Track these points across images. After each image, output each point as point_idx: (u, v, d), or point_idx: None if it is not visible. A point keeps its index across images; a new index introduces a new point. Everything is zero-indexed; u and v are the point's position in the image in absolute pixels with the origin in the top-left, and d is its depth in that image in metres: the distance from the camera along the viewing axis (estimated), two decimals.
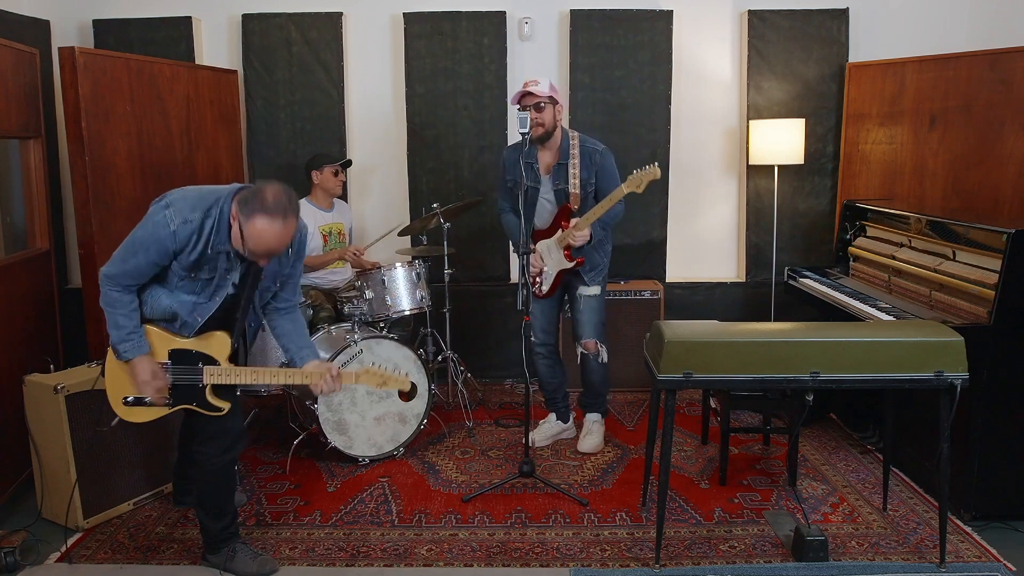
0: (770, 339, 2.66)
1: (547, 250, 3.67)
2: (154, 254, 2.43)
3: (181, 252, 2.43)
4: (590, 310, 3.69)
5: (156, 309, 2.56)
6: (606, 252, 3.73)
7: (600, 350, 3.73)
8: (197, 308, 2.56)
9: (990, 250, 3.07)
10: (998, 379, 2.97)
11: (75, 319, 3.95)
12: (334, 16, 4.65)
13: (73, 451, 3.02)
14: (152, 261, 2.45)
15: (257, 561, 2.79)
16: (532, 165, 3.60)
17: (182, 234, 2.41)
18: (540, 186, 3.62)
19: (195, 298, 2.55)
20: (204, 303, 2.56)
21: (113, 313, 2.50)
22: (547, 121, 3.48)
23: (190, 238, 2.42)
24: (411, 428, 3.75)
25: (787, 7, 4.63)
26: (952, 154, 4.19)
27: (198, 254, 2.44)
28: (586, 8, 4.64)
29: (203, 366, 2.60)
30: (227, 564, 2.77)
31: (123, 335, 2.50)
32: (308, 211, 4.21)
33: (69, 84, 3.51)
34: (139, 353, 2.52)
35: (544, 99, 3.45)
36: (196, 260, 2.45)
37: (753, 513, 3.18)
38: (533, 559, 2.85)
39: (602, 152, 3.57)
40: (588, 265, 3.65)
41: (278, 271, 2.67)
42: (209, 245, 2.45)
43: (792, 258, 4.76)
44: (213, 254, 2.47)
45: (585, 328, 3.69)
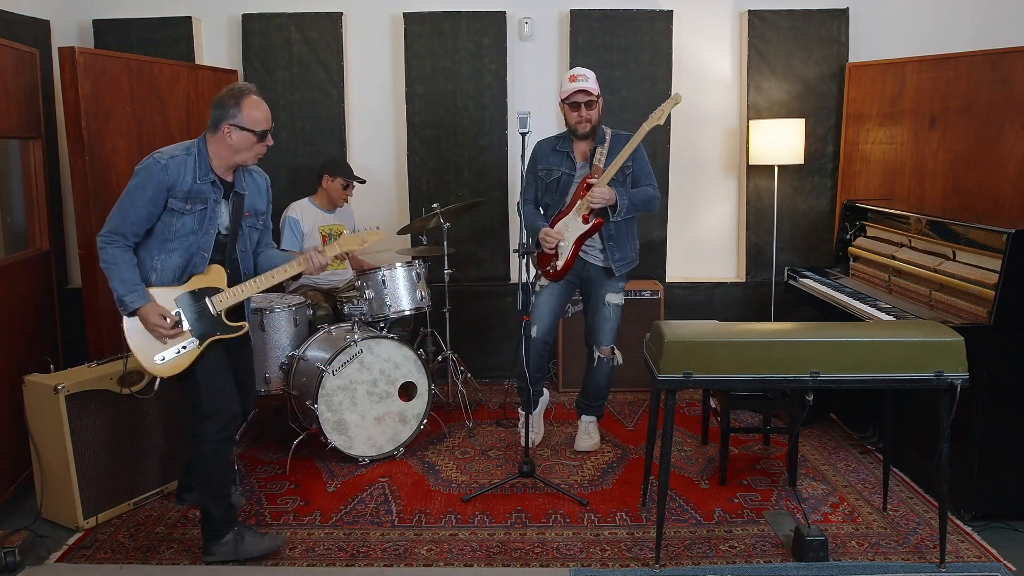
0: (770, 339, 2.66)
1: (565, 226, 3.59)
2: (151, 192, 2.63)
3: (175, 185, 2.65)
4: (616, 318, 3.67)
5: (168, 269, 2.72)
6: (634, 247, 3.68)
7: (616, 354, 3.73)
8: (201, 243, 2.74)
9: (990, 250, 3.07)
10: (998, 379, 2.97)
11: (75, 319, 3.95)
12: (334, 16, 4.65)
13: (73, 451, 3.02)
14: (149, 201, 2.64)
15: (266, 538, 2.89)
16: (568, 153, 3.64)
17: (172, 167, 2.66)
18: (575, 173, 3.62)
19: (196, 236, 2.72)
20: (204, 236, 2.74)
21: (116, 268, 2.64)
22: (595, 118, 3.56)
23: (179, 170, 2.67)
24: (411, 428, 3.75)
25: (787, 7, 4.63)
26: (952, 154, 4.19)
27: (188, 184, 2.68)
28: (586, 8, 4.64)
29: (208, 298, 2.77)
30: (238, 548, 2.80)
31: (129, 287, 2.65)
32: (309, 211, 4.22)
33: (69, 84, 3.51)
34: (144, 301, 2.67)
35: (595, 96, 3.53)
36: (188, 189, 2.67)
37: (753, 513, 3.18)
38: (533, 559, 2.85)
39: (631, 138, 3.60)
40: (618, 252, 3.59)
41: (255, 206, 2.90)
42: (196, 177, 2.69)
43: (792, 258, 4.76)
44: (201, 184, 2.71)
45: (606, 335, 3.68)
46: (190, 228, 2.71)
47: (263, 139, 2.76)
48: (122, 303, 2.65)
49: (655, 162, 4.50)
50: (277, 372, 3.74)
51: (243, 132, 2.71)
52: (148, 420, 3.29)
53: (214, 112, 2.72)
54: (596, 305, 3.69)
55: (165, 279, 2.72)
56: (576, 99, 3.50)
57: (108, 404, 3.14)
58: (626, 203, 3.48)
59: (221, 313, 2.80)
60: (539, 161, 3.71)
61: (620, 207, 3.47)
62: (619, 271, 3.63)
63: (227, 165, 2.77)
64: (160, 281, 2.72)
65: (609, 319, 3.67)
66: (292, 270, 2.88)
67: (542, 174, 3.69)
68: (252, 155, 2.78)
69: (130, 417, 3.22)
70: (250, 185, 2.90)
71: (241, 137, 2.71)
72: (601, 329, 3.68)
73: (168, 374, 2.74)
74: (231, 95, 2.71)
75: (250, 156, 2.77)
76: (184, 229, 2.70)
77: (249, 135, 2.72)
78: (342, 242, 2.96)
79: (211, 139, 2.74)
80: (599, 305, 3.67)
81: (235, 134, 2.70)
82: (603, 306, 3.66)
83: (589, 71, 3.58)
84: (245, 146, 2.73)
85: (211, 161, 2.73)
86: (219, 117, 2.70)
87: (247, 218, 2.88)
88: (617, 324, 3.70)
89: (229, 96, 2.71)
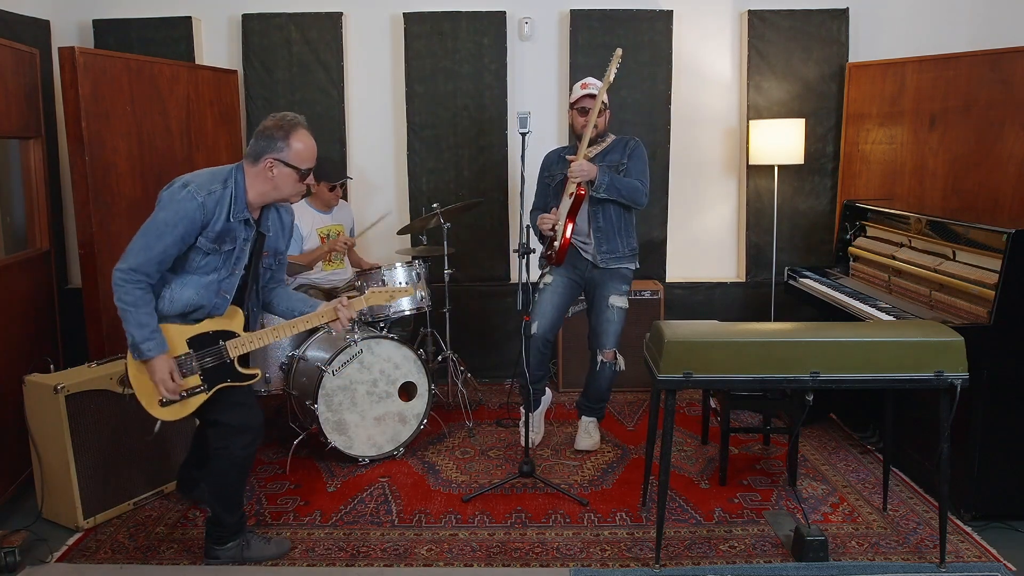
0: (770, 339, 2.66)
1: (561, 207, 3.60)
2: (182, 230, 2.44)
3: (208, 224, 2.46)
4: (619, 321, 3.68)
5: (176, 303, 2.55)
6: (627, 243, 3.69)
7: (618, 359, 3.73)
8: (223, 285, 2.58)
9: (990, 250, 3.07)
10: (998, 379, 2.97)
11: (75, 319, 3.95)
12: (334, 16, 4.65)
13: (73, 451, 3.02)
14: (180, 240, 2.45)
15: (273, 543, 2.86)
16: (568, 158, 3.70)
17: (209, 204, 2.46)
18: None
19: (218, 275, 2.56)
20: (227, 278, 2.59)
21: (136, 312, 2.46)
22: (600, 126, 3.62)
23: (216, 208, 2.47)
24: (411, 428, 3.75)
25: (787, 7, 4.63)
26: (952, 154, 4.19)
27: (222, 224, 2.49)
28: (586, 8, 4.64)
29: (223, 343, 2.63)
30: (244, 553, 2.80)
31: (147, 333, 2.47)
32: (306, 212, 4.21)
33: (69, 84, 3.51)
34: (161, 351, 2.50)
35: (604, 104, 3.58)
36: (220, 231, 2.49)
37: (753, 513, 3.18)
38: (533, 559, 2.85)
39: (636, 141, 3.70)
40: (604, 245, 3.63)
41: (276, 246, 2.74)
42: (231, 213, 2.50)
43: (792, 258, 4.76)
44: (234, 223, 2.52)
45: (609, 338, 3.67)
46: (212, 267, 2.54)
47: (305, 178, 2.59)
48: (137, 350, 2.48)
49: (655, 162, 4.51)
50: (277, 372, 3.74)
51: (287, 169, 2.52)
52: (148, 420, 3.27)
53: (257, 143, 2.53)
54: (599, 307, 3.70)
55: (172, 310, 2.56)
56: (584, 104, 3.60)
57: (108, 404, 3.14)
58: (607, 180, 3.49)
59: (235, 360, 2.66)
60: (546, 169, 3.83)
61: (600, 182, 3.48)
62: (604, 263, 3.64)
63: (263, 201, 2.59)
64: (167, 311, 2.55)
65: (612, 321, 3.67)
66: (316, 320, 2.75)
67: (548, 180, 3.81)
68: (293, 194, 2.59)
69: (130, 417, 3.21)
70: (275, 223, 2.71)
71: (284, 174, 2.53)
72: (604, 331, 3.68)
73: (170, 418, 2.61)
74: (280, 127, 2.51)
75: (290, 195, 2.59)
76: (206, 267, 2.54)
77: (293, 172, 2.54)
78: (369, 297, 2.83)
79: (249, 171, 2.53)
80: (602, 307, 3.68)
81: (277, 169, 2.52)
82: (606, 308, 3.67)
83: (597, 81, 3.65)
84: (287, 184, 2.55)
85: (247, 194, 2.53)
86: (263, 149, 2.51)
87: (265, 258, 2.71)
88: (620, 327, 3.70)
89: (277, 128, 2.51)
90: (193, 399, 2.62)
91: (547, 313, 3.68)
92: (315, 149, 2.58)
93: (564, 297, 3.74)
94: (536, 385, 3.81)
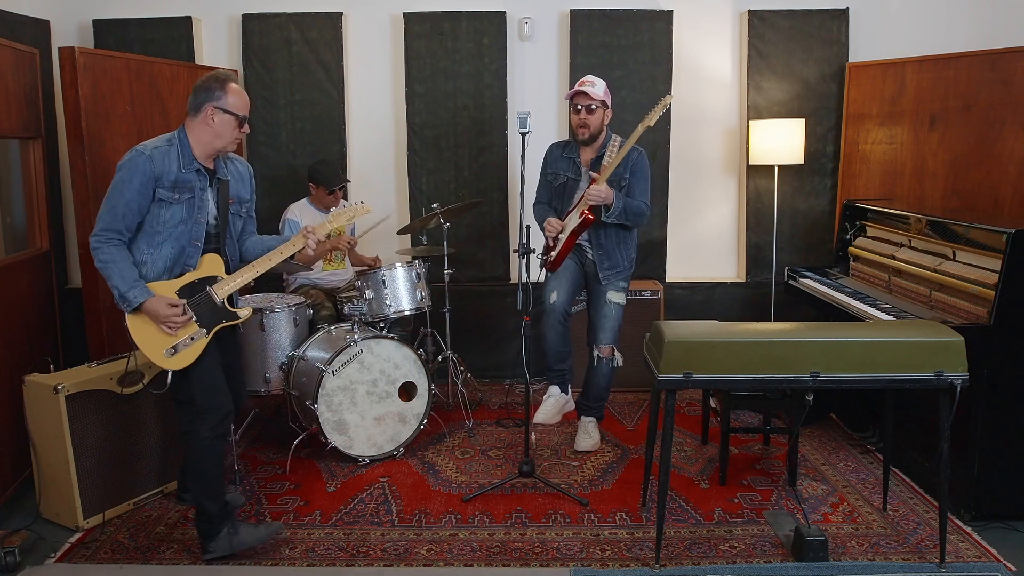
0: (770, 339, 2.66)
1: (569, 220, 3.65)
2: (137, 183, 2.63)
3: (161, 175, 2.66)
4: (616, 318, 3.70)
5: (158, 263, 2.71)
6: (627, 255, 3.74)
7: (615, 355, 3.74)
8: (193, 233, 2.75)
9: (990, 250, 3.07)
10: (998, 379, 2.97)
11: (75, 319, 3.95)
12: (334, 16, 4.65)
13: (73, 451, 3.02)
14: (137, 192, 2.63)
15: (262, 527, 2.90)
16: (573, 159, 3.73)
17: (156, 157, 2.66)
18: (580, 179, 3.70)
19: (186, 226, 2.73)
20: (195, 226, 2.75)
21: (115, 265, 2.63)
22: (594, 124, 3.60)
23: (164, 159, 2.67)
24: (411, 428, 3.75)
25: (787, 7, 4.63)
26: (952, 154, 4.19)
27: (174, 174, 2.68)
28: (586, 8, 4.64)
29: (209, 288, 2.79)
30: (233, 541, 2.82)
31: (130, 283, 2.63)
32: (307, 211, 4.22)
33: (69, 84, 3.51)
34: (148, 294, 2.66)
35: (596, 102, 3.56)
36: (175, 180, 2.69)
37: (753, 513, 3.18)
38: (533, 559, 2.85)
39: (639, 151, 3.66)
40: (606, 261, 3.67)
41: (239, 194, 2.92)
42: (181, 166, 2.70)
43: (792, 258, 4.76)
44: (187, 172, 2.71)
45: (606, 334, 3.70)
46: (179, 218, 2.71)
47: (243, 125, 2.79)
48: (124, 300, 2.64)
49: (655, 162, 4.51)
50: (277, 372, 3.74)
51: (226, 115, 2.72)
52: (148, 420, 3.29)
53: (197, 96, 2.73)
54: (597, 303, 3.73)
55: (156, 271, 2.71)
56: (577, 101, 3.59)
57: (108, 404, 3.14)
58: (620, 206, 3.53)
59: (224, 301, 2.82)
60: (548, 164, 3.84)
61: (614, 208, 3.51)
62: (606, 280, 3.69)
63: (208, 151, 2.77)
64: (152, 274, 2.70)
65: (609, 317, 3.69)
66: (289, 249, 2.91)
67: (550, 178, 3.82)
68: (232, 140, 2.78)
69: (130, 417, 3.22)
70: (232, 173, 2.91)
71: (224, 120, 2.73)
72: (601, 327, 3.70)
73: (179, 366, 2.72)
74: (215, 79, 2.75)
75: (230, 141, 2.78)
76: (173, 219, 2.70)
77: (231, 118, 2.74)
78: (331, 218, 3.07)
79: (191, 125, 2.75)
80: (600, 303, 3.71)
81: (218, 116, 2.72)
82: (604, 304, 3.70)
83: (600, 80, 3.64)
84: (227, 130, 2.74)
85: (192, 149, 2.74)
86: (202, 100, 2.72)
87: (231, 205, 2.89)
88: (617, 323, 3.71)
89: (214, 80, 2.75)
90: (196, 344, 2.75)
91: (563, 285, 3.72)
92: (247, 100, 2.81)
93: (575, 275, 3.77)
94: (561, 366, 3.84)
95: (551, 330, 3.74)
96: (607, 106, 3.63)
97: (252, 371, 3.70)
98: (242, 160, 3.00)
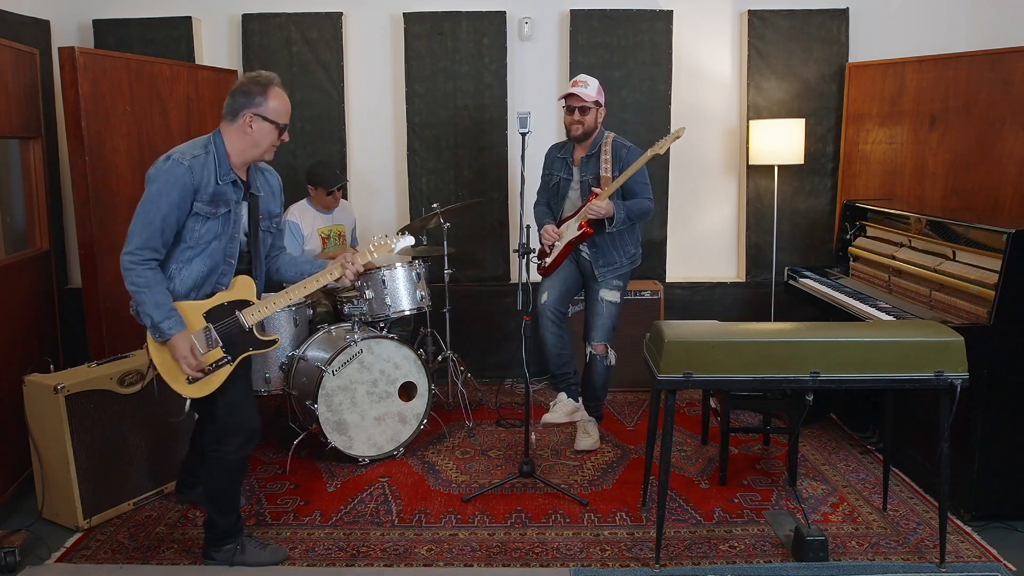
0: (770, 339, 2.66)
1: (567, 228, 3.71)
2: (176, 196, 2.46)
3: (199, 189, 2.49)
4: (608, 315, 3.71)
5: (187, 279, 2.56)
6: (626, 252, 3.74)
7: (609, 353, 3.75)
8: (227, 250, 2.60)
9: (990, 250, 3.07)
10: (998, 379, 2.97)
11: (75, 319, 3.95)
12: (334, 16, 4.65)
13: (73, 451, 3.02)
14: (175, 206, 2.46)
15: (268, 550, 2.84)
16: (566, 159, 3.78)
17: (196, 167, 2.49)
18: (572, 178, 3.75)
19: (219, 242, 2.57)
20: (230, 243, 2.61)
21: (151, 293, 2.47)
22: (588, 123, 3.64)
23: (203, 170, 2.50)
24: (411, 428, 3.75)
25: (787, 7, 4.63)
26: (952, 154, 4.19)
27: (213, 187, 2.52)
28: (586, 8, 4.64)
29: (239, 312, 2.64)
30: (236, 558, 2.79)
31: (165, 312, 2.49)
32: (307, 213, 4.21)
33: (69, 84, 3.51)
34: (180, 328, 2.52)
35: (590, 103, 3.59)
36: (213, 193, 2.52)
37: (753, 513, 3.18)
38: (533, 559, 2.85)
39: (630, 149, 3.67)
40: (601, 260, 3.68)
41: (269, 208, 2.76)
42: (217, 176, 2.53)
43: (792, 258, 4.76)
44: (223, 184, 2.55)
45: (598, 331, 3.72)
46: (214, 234, 2.55)
47: (283, 133, 2.62)
48: (158, 330, 2.49)
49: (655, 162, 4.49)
50: (277, 372, 3.74)
51: (265, 123, 2.55)
52: (148, 420, 3.28)
53: (235, 99, 2.56)
54: (591, 300, 3.76)
55: (183, 289, 2.56)
56: (570, 102, 3.63)
57: (108, 404, 3.14)
58: (623, 216, 3.56)
59: (253, 328, 2.67)
60: (546, 165, 3.89)
61: (616, 220, 3.55)
62: (602, 277, 3.70)
63: (244, 160, 2.61)
64: (179, 292, 2.56)
65: (601, 315, 3.71)
66: (325, 279, 2.74)
67: (547, 178, 3.87)
68: (270, 148, 2.62)
69: (130, 417, 3.21)
70: (263, 186, 2.74)
71: (263, 128, 2.56)
72: (594, 325, 3.72)
73: (200, 394, 2.60)
74: (257, 83, 2.56)
75: (267, 150, 2.61)
76: (208, 235, 2.54)
77: (272, 127, 2.57)
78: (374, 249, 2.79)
79: (227, 131, 2.58)
80: (593, 300, 3.74)
81: (256, 124, 2.55)
82: (596, 301, 3.72)
83: (593, 80, 3.66)
84: (265, 139, 2.58)
85: (229, 157, 2.57)
86: (241, 105, 2.55)
87: (262, 221, 2.72)
88: (611, 322, 3.72)
89: (255, 83, 2.55)
90: (219, 372, 2.61)
91: (555, 285, 3.75)
92: (290, 106, 2.64)
93: (570, 275, 3.79)
94: (563, 370, 3.83)
95: (545, 331, 3.75)
96: (600, 105, 3.66)
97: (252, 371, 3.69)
98: (271, 170, 2.82)
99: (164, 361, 2.58)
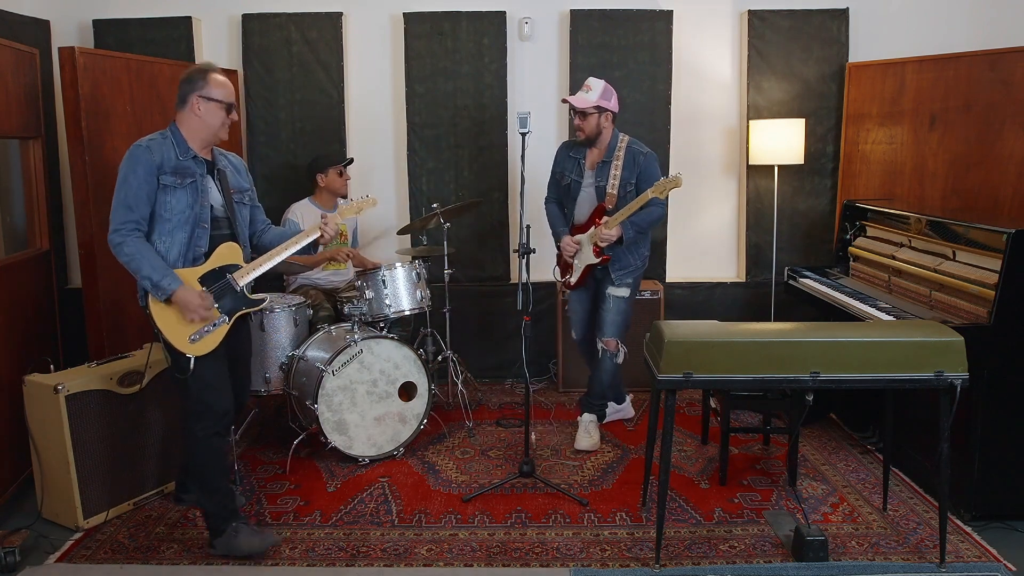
0: (770, 339, 2.66)
1: (580, 244, 3.77)
2: (142, 171, 2.70)
3: (162, 163, 2.74)
4: (617, 311, 3.75)
5: (174, 247, 2.76)
6: (639, 255, 3.80)
7: (619, 350, 3.77)
8: (200, 216, 2.80)
9: (990, 250, 3.07)
10: (998, 379, 2.97)
11: (75, 319, 3.95)
12: (334, 16, 4.65)
13: (73, 451, 3.02)
14: (144, 180, 2.70)
15: (259, 537, 2.88)
16: (579, 160, 3.79)
17: (155, 146, 2.75)
18: (583, 181, 3.77)
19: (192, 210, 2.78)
20: (201, 209, 2.81)
21: (144, 257, 2.68)
22: (588, 128, 3.66)
23: (161, 149, 2.76)
24: (411, 428, 3.75)
25: (787, 7, 4.63)
26: (952, 154, 4.19)
27: (173, 161, 2.77)
28: (586, 8, 4.64)
29: (229, 275, 2.85)
30: (230, 543, 2.82)
31: (162, 271, 2.69)
32: (309, 210, 4.22)
33: (69, 84, 3.51)
34: (180, 282, 2.71)
35: (587, 109, 3.61)
36: (175, 166, 2.76)
37: (753, 513, 3.18)
38: (533, 559, 2.85)
39: (647, 155, 3.70)
40: (617, 264, 3.73)
41: (238, 184, 3.00)
42: (177, 154, 2.78)
43: (792, 258, 4.76)
44: (185, 160, 2.79)
45: (608, 327, 3.76)
46: (185, 202, 2.76)
47: (230, 112, 2.85)
48: (159, 288, 2.68)
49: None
50: (277, 372, 3.74)
51: (211, 103, 2.79)
52: (148, 420, 3.29)
53: (182, 88, 2.82)
54: (600, 297, 3.81)
55: (172, 259, 2.75)
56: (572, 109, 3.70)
57: (108, 404, 3.14)
58: (631, 235, 3.63)
59: (244, 288, 2.88)
60: (557, 163, 3.91)
61: (626, 239, 3.63)
62: (619, 280, 3.75)
63: (202, 141, 2.83)
64: (169, 259, 2.75)
65: (609, 310, 3.75)
66: (305, 237, 2.99)
67: (558, 177, 3.89)
68: (222, 126, 2.84)
69: (130, 417, 3.22)
70: (227, 166, 2.97)
71: (209, 108, 2.79)
72: (603, 320, 3.77)
73: (202, 352, 2.77)
74: (197, 70, 2.84)
75: (220, 128, 2.84)
76: (180, 204, 2.75)
77: (217, 105, 2.80)
78: (341, 211, 3.17)
79: (181, 117, 2.83)
80: (602, 296, 3.79)
81: (203, 105, 2.79)
82: (605, 298, 3.76)
83: (599, 83, 3.67)
84: (214, 118, 2.81)
85: (187, 140, 2.81)
86: (187, 91, 2.80)
87: (234, 195, 2.94)
88: (620, 317, 3.76)
89: (196, 71, 2.83)
90: (218, 330, 2.81)
91: (577, 318, 3.94)
92: (232, 87, 2.89)
93: (587, 299, 3.91)
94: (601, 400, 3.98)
95: (588, 364, 3.97)
96: (603, 109, 3.64)
97: (252, 371, 3.69)
98: (233, 154, 3.09)
99: (166, 321, 2.74)
